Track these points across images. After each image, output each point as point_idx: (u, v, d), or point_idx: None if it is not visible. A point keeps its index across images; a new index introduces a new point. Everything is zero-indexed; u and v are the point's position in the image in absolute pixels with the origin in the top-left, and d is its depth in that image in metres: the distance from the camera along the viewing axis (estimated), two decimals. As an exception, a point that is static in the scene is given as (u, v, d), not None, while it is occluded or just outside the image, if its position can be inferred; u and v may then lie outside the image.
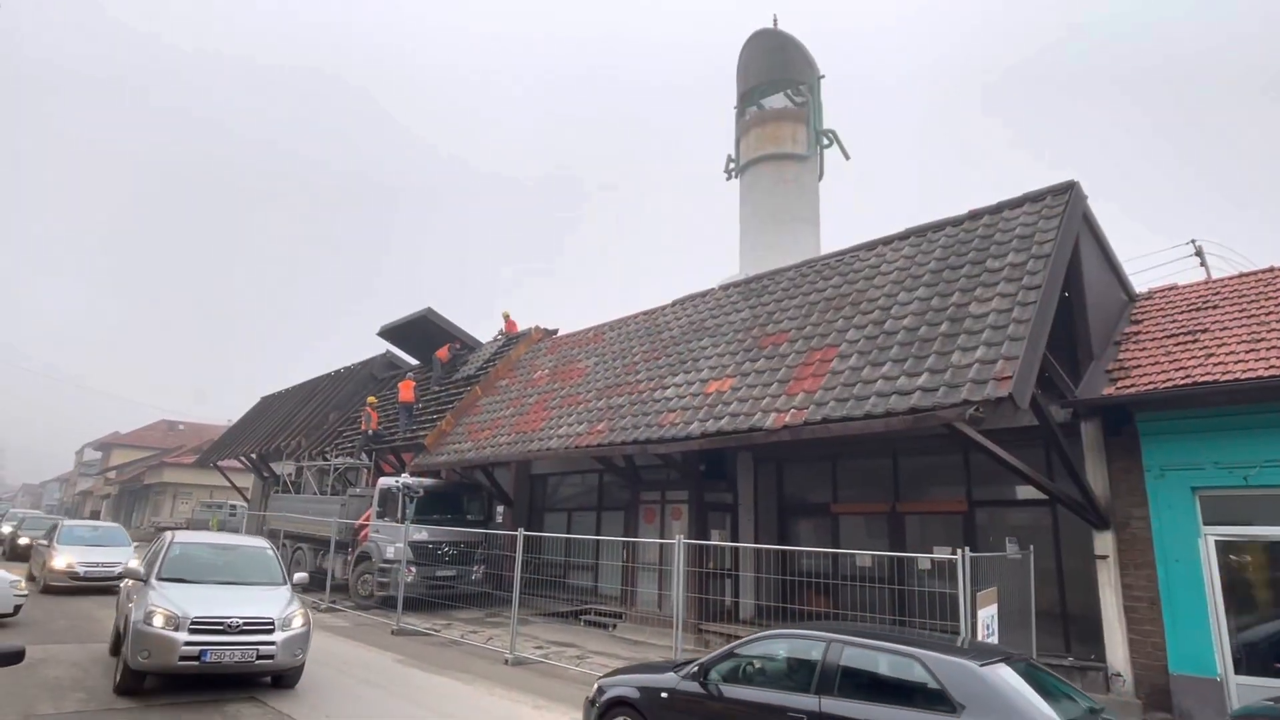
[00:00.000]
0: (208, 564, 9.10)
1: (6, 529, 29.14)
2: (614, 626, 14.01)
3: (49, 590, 15.34)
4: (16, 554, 22.00)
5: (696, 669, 6.22)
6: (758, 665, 6.06)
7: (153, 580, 8.39)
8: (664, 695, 6.27)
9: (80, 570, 15.57)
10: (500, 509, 18.98)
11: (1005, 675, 4.97)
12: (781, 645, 6.09)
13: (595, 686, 7.00)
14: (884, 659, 5.42)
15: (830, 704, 5.28)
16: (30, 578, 16.24)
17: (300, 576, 10.22)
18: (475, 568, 16.34)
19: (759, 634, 6.42)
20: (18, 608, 11.59)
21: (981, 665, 5.02)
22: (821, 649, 5.62)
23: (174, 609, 7.77)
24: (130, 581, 9.35)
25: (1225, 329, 9.82)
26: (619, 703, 6.59)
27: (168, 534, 9.71)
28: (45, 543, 16.18)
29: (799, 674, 5.68)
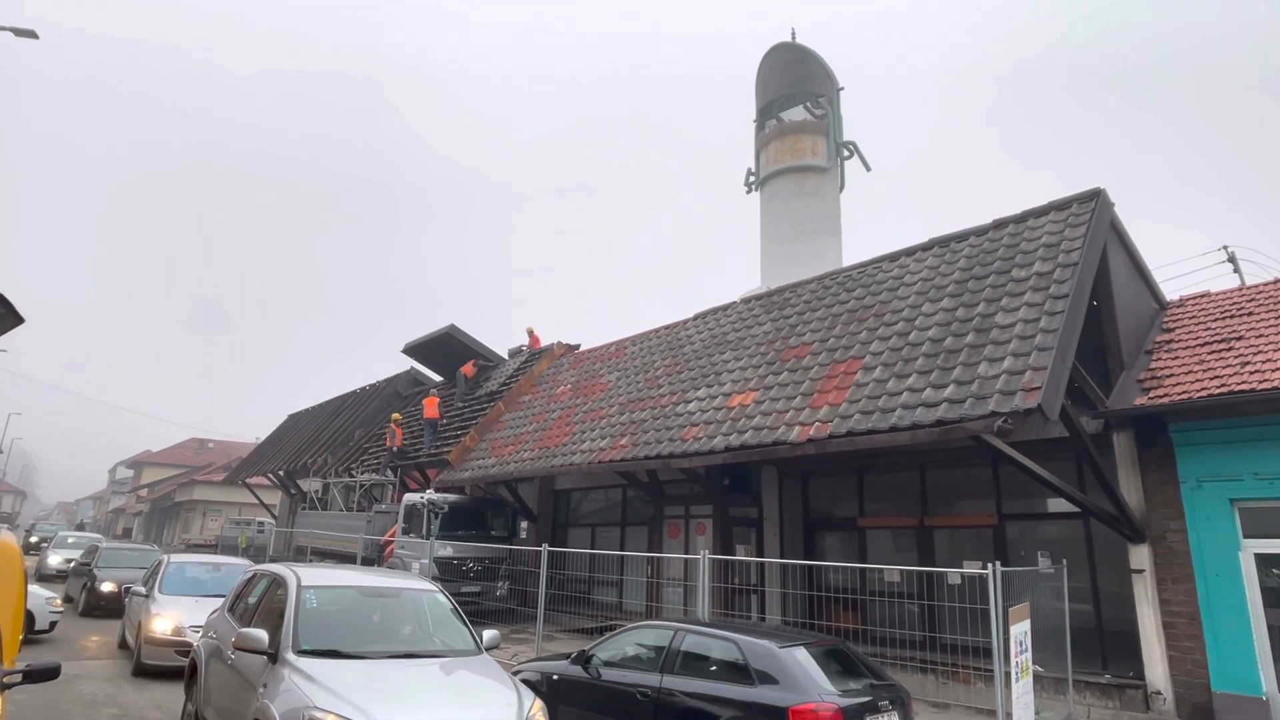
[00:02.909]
0: (360, 622, 5.96)
1: (55, 560, 22.06)
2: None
3: (145, 672, 9.57)
4: (100, 604, 14.68)
5: (578, 655, 7.27)
6: (629, 652, 7.03)
7: (287, 654, 5.16)
8: (555, 678, 7.28)
9: (193, 637, 8.78)
10: (524, 524, 19.01)
11: (797, 654, 6.00)
12: (646, 635, 7.13)
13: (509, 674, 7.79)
14: (711, 643, 6.52)
15: (669, 681, 6.37)
16: (123, 644, 11.61)
17: (492, 635, 6.29)
18: (500, 584, 16.35)
19: (630, 625, 7.60)
20: (53, 624, 11.79)
21: (780, 647, 6.03)
22: (670, 636, 6.74)
23: (355, 716, 4.53)
24: (225, 649, 6.04)
25: (1261, 335, 9.60)
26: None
27: (282, 573, 6.29)
28: (143, 591, 10.62)
29: (653, 658, 6.74)
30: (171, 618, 9.71)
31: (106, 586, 14.48)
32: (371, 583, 6.70)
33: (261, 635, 5.31)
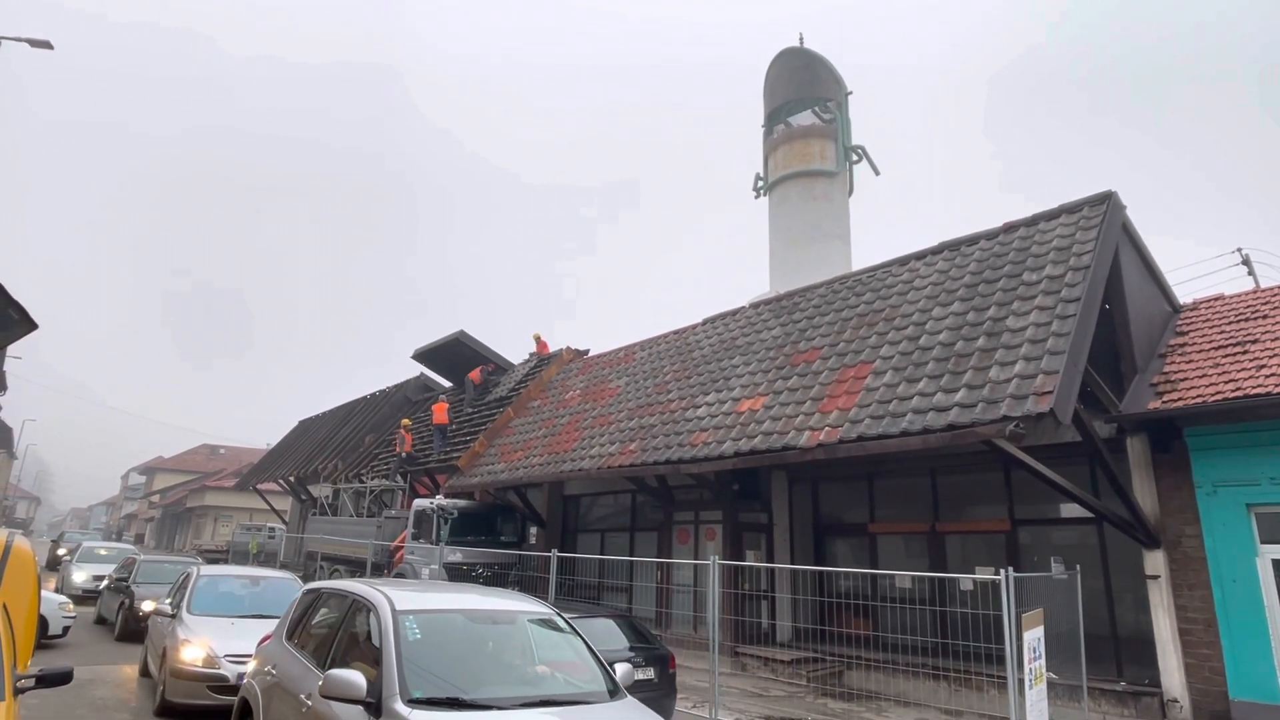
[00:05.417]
0: (474, 658, 4.83)
1: (80, 577, 18.53)
2: (649, 649, 13.87)
3: (172, 712, 7.79)
4: (140, 627, 12.17)
5: None
6: None
7: (395, 704, 4.02)
8: None
9: (229, 669, 7.75)
10: (533, 530, 19.00)
11: (597, 624, 7.35)
12: None
13: None
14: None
15: None
16: (144, 672, 9.84)
17: (625, 670, 5.05)
18: (509, 589, 16.32)
19: None
20: (66, 629, 11.85)
21: (576, 618, 7.04)
22: None
23: None
24: (290, 688, 5.01)
25: (1277, 339, 9.50)
26: None
27: (366, 594, 5.08)
28: (170, 612, 9.04)
29: None
30: (203, 644, 7.94)
31: (147, 605, 12.04)
32: (479, 605, 5.40)
33: (358, 680, 4.12)
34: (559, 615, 5.39)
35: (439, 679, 4.32)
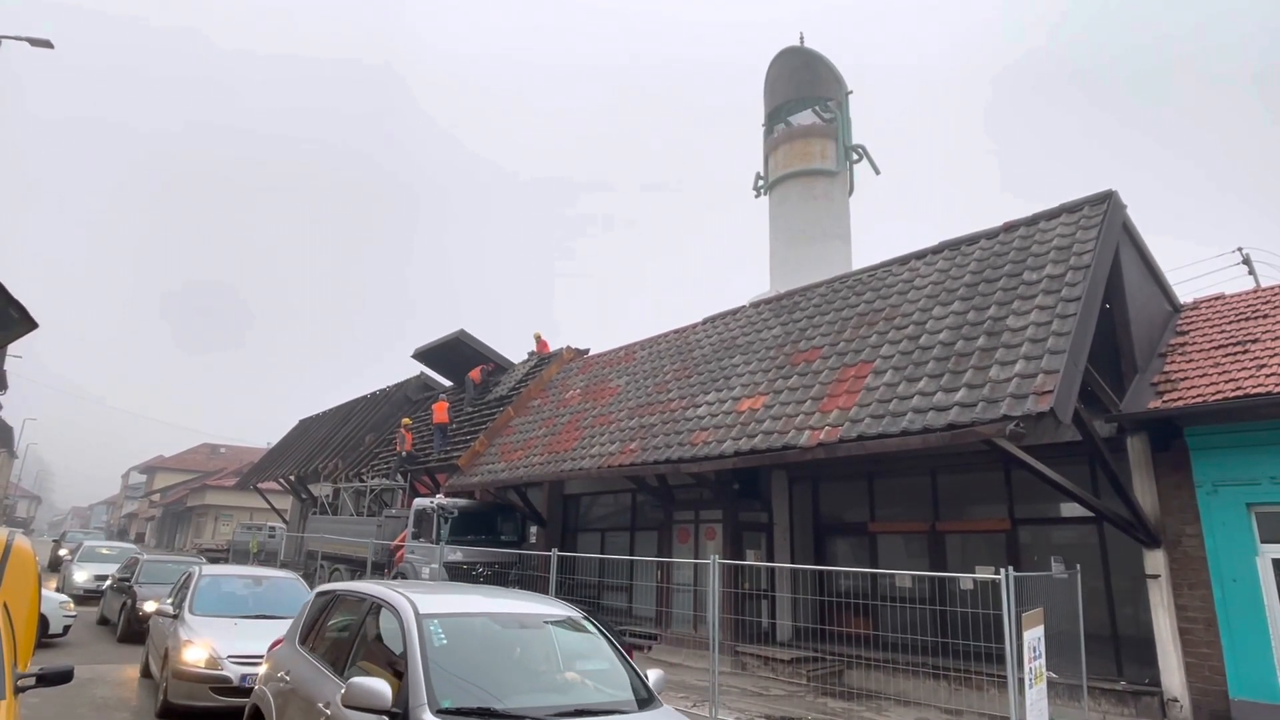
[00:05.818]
0: (502, 665, 4.64)
1: (82, 576, 18.26)
2: (649, 649, 13.88)
3: (174, 713, 7.75)
4: (143, 627, 11.49)
5: None
6: None
7: (423, 715, 3.86)
8: None
9: (232, 670, 7.68)
10: (534, 529, 19.01)
11: None
12: None
13: None
14: None
15: None
16: (145, 673, 9.78)
17: (659, 677, 4.79)
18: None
19: None
20: (67, 628, 11.86)
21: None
22: None
23: None
24: (304, 696, 4.83)
25: (1278, 339, 9.50)
26: None
27: (387, 597, 4.85)
28: (172, 612, 8.93)
29: None
30: (205, 645, 7.85)
31: (150, 605, 11.80)
32: (506, 608, 5.11)
33: (383, 689, 3.90)
34: (586, 618, 5.10)
35: (468, 687, 4.06)
